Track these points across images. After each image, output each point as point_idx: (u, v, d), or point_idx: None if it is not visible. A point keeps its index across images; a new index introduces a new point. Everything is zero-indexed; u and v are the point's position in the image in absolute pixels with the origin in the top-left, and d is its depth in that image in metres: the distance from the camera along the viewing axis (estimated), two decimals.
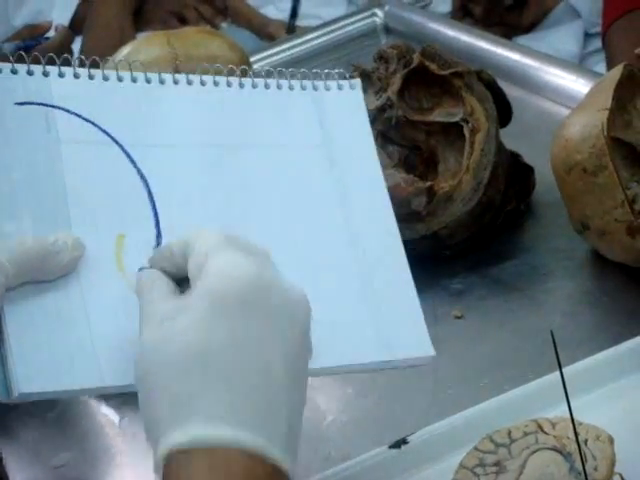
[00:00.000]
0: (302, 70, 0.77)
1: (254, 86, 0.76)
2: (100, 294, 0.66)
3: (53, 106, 0.70)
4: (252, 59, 1.37)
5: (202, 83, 0.75)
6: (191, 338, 0.56)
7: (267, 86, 0.76)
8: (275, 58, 1.56)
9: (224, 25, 1.88)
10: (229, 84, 0.76)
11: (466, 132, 1.01)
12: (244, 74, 0.75)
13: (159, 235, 0.69)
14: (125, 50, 1.28)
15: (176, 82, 0.74)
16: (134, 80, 0.73)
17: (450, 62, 1.05)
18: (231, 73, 0.75)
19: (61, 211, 0.68)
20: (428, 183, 1.01)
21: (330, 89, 0.78)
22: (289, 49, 1.58)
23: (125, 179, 0.70)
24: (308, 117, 0.77)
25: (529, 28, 1.76)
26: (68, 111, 0.70)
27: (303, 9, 2.04)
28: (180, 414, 0.55)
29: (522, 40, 1.63)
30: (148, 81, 0.74)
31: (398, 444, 0.75)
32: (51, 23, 1.52)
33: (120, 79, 0.73)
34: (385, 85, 1.05)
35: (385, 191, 0.76)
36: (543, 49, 1.41)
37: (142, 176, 0.70)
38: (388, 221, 0.75)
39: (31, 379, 0.62)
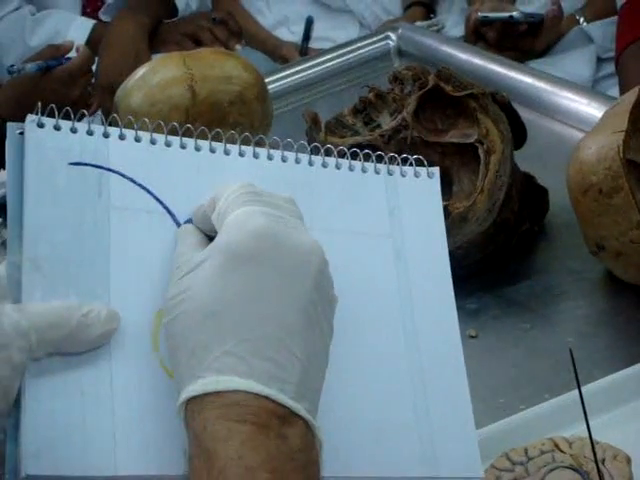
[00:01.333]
0: (378, 153, 0.72)
1: (324, 165, 0.71)
2: (131, 374, 0.62)
3: (109, 169, 0.66)
4: (266, 80, 1.38)
5: (269, 157, 0.70)
6: (206, 292, 0.58)
7: (338, 166, 0.71)
8: (288, 80, 1.57)
9: (238, 47, 1.89)
10: (298, 161, 0.70)
11: (481, 153, 1.02)
12: (316, 152, 0.70)
13: None
14: (141, 71, 1.29)
15: (242, 155, 0.69)
16: (198, 149, 0.69)
17: (465, 84, 1.06)
18: (302, 149, 0.71)
19: (101, 280, 0.63)
20: (443, 203, 1.01)
21: (406, 175, 0.73)
22: (303, 71, 1.59)
23: (174, 252, 0.65)
24: (379, 204, 0.71)
25: (542, 53, 1.77)
26: (123, 176, 0.67)
27: (316, 32, 2.05)
28: (195, 367, 0.57)
29: (535, 64, 1.63)
30: (212, 151, 0.69)
31: None
32: (72, 43, 1.53)
33: (183, 146, 0.69)
34: (400, 106, 1.06)
35: (451, 291, 0.71)
36: (556, 73, 1.42)
37: None
38: (450, 324, 0.70)
39: (40, 460, 0.58)
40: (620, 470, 0.67)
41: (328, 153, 0.71)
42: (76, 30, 1.95)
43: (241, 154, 0.70)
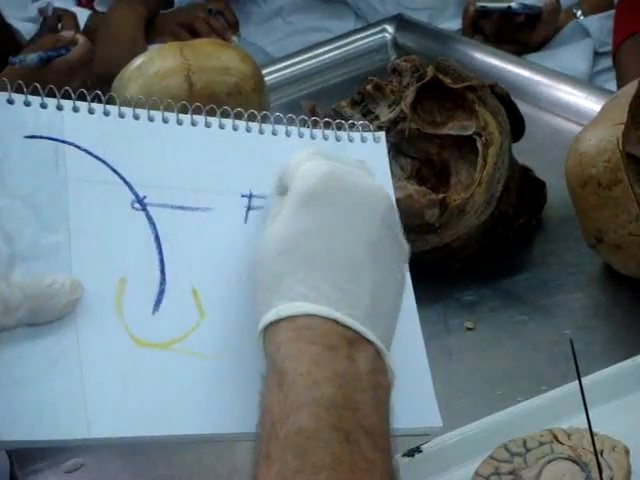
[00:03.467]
0: (325, 119, 0.75)
1: (274, 133, 0.73)
2: (97, 340, 0.64)
3: (64, 141, 0.68)
4: (263, 72, 1.38)
5: (221, 126, 0.72)
6: (280, 231, 0.63)
7: (288, 134, 0.74)
8: (286, 72, 1.57)
9: (235, 39, 1.89)
10: (248, 129, 0.73)
11: (479, 145, 1.02)
12: (265, 120, 0.73)
13: (163, 280, 0.67)
14: (138, 61, 1.29)
15: (194, 124, 0.71)
16: (151, 119, 0.71)
17: (464, 76, 1.06)
18: (252, 118, 0.73)
19: (62, 251, 0.65)
20: (441, 195, 1.01)
21: (353, 141, 0.75)
22: (299, 63, 1.58)
23: (132, 221, 0.68)
24: None
25: (539, 46, 1.77)
26: (79, 147, 0.68)
27: (312, 22, 2.04)
28: (271, 297, 0.62)
29: (532, 58, 1.63)
30: (165, 121, 0.71)
31: (412, 453, 0.75)
32: (72, 34, 1.52)
33: (136, 117, 0.70)
34: (398, 98, 1.06)
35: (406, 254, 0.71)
36: (553, 67, 1.41)
37: (150, 219, 0.68)
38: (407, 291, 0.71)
39: (12, 426, 0.59)
40: (619, 461, 0.67)
41: (278, 121, 0.74)
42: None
43: (193, 124, 0.72)
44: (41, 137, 0.68)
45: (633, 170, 0.91)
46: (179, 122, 0.71)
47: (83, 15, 1.95)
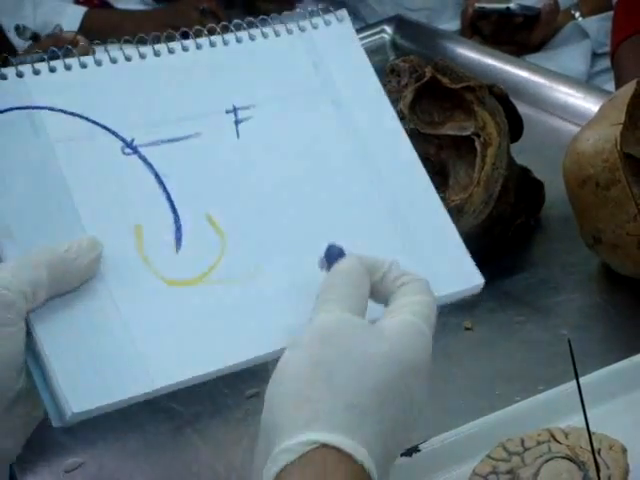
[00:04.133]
0: (285, 13, 0.75)
1: (239, 40, 0.72)
2: (131, 292, 0.63)
3: (36, 107, 0.66)
4: None
5: (184, 49, 0.71)
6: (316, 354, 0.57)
7: (252, 37, 0.73)
8: None
9: None
10: (212, 44, 0.72)
11: (478, 146, 1.02)
12: (225, 30, 0.72)
13: (177, 219, 0.66)
14: None
15: (157, 54, 0.70)
16: (114, 61, 0.69)
17: (462, 76, 1.06)
18: (212, 32, 0.72)
19: (70, 215, 0.65)
20: (439, 195, 1.01)
21: (318, 27, 0.75)
22: None
23: (128, 167, 0.66)
24: (301, 61, 0.73)
25: (538, 47, 1.77)
26: (53, 109, 0.67)
27: None
28: (302, 418, 0.55)
29: (531, 59, 1.64)
30: (128, 59, 0.70)
31: (410, 452, 0.75)
32: (73, 34, 1.53)
33: (98, 63, 0.69)
34: (397, 98, 1.06)
35: (396, 118, 0.73)
36: (551, 68, 1.42)
37: (145, 160, 0.67)
38: (408, 154, 0.72)
39: (81, 397, 0.59)
40: (616, 460, 0.67)
41: (238, 27, 0.73)
42: (68, 18, 1.94)
43: (157, 54, 0.70)
44: (11, 109, 0.66)
45: (631, 170, 0.91)
46: (142, 56, 0.70)
47: (79, 13, 1.95)
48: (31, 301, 0.60)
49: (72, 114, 0.67)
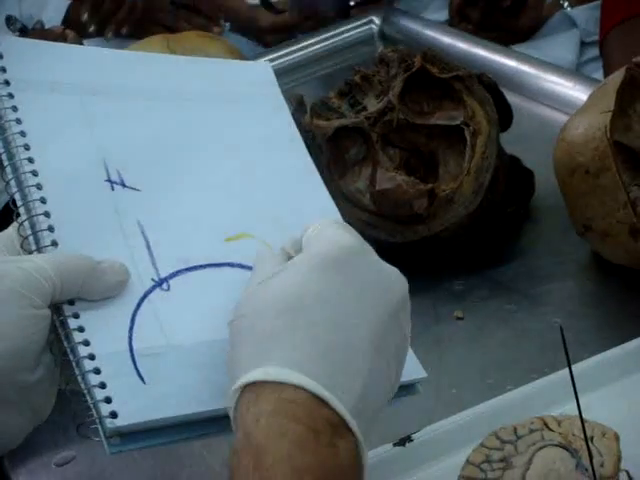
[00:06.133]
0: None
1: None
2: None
3: None
4: None
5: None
6: (287, 287, 0.58)
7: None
8: (272, 64, 1.53)
9: (217, 29, 1.88)
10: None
11: (467, 135, 1.02)
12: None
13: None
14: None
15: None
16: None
17: (451, 65, 1.06)
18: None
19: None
20: (429, 185, 1.01)
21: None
22: (286, 55, 1.58)
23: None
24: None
25: (526, 34, 1.76)
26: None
27: None
28: (260, 355, 0.56)
29: (519, 48, 1.63)
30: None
31: (403, 442, 0.75)
32: (62, 29, 1.52)
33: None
34: (386, 88, 1.06)
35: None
36: (540, 57, 1.41)
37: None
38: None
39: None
40: (609, 448, 0.67)
41: None
42: (52, 12, 1.92)
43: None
44: None
45: (621, 158, 0.91)
46: None
47: (61, 6, 1.94)
48: (58, 294, 0.62)
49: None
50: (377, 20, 1.64)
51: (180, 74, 0.77)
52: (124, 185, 0.69)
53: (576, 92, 1.26)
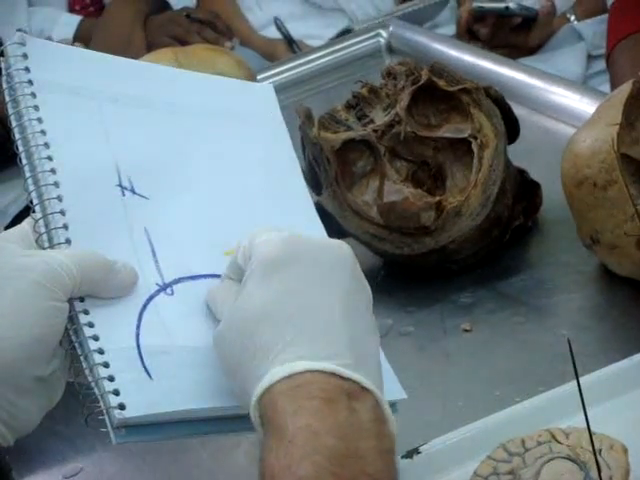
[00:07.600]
0: None
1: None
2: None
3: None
4: (257, 78, 1.38)
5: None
6: (254, 300, 0.63)
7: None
8: (280, 77, 1.57)
9: (229, 44, 1.88)
10: None
11: (474, 148, 1.02)
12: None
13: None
14: None
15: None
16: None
17: (458, 79, 1.06)
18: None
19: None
20: (437, 198, 1.01)
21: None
22: (294, 68, 1.59)
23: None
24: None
25: (534, 50, 1.77)
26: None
27: (307, 30, 2.04)
28: (260, 366, 0.61)
29: (526, 61, 1.63)
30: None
31: (410, 454, 0.75)
32: (70, 41, 1.52)
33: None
34: (393, 101, 1.06)
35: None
36: (547, 70, 1.42)
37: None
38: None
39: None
40: (617, 460, 0.67)
41: None
42: (62, 27, 1.94)
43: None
44: None
45: (628, 170, 0.91)
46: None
47: (74, 22, 1.95)
48: (77, 290, 0.64)
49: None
50: (384, 33, 1.64)
51: (188, 89, 0.78)
52: (134, 192, 0.70)
53: (583, 105, 1.26)
